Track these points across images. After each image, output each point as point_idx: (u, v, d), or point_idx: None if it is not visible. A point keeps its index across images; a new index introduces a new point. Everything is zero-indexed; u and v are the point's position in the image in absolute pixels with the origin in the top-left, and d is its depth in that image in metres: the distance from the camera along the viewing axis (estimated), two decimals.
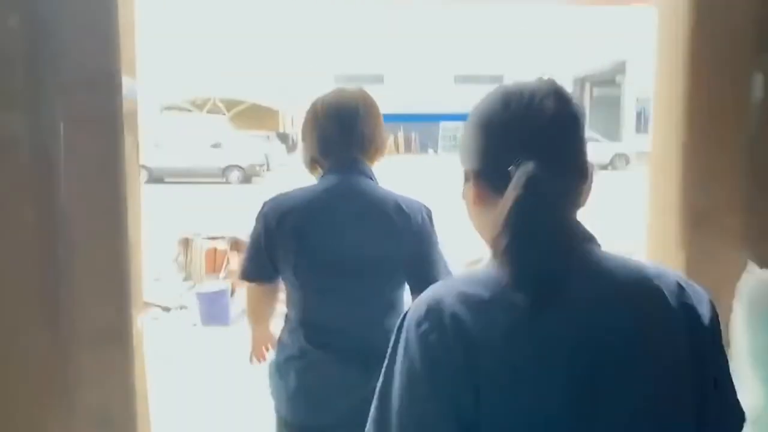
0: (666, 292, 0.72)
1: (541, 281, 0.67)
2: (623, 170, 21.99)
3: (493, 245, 0.71)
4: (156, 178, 18.12)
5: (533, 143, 0.72)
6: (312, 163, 1.54)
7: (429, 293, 0.74)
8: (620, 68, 27.20)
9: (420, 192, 1.65)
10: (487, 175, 0.76)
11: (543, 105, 0.73)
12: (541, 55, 38.78)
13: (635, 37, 25.90)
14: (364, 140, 1.49)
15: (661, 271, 0.75)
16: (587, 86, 32.96)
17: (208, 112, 28.79)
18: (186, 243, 5.65)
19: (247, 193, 14.95)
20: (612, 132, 27.37)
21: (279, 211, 1.45)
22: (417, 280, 1.44)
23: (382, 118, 1.54)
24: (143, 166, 17.05)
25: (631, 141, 25.87)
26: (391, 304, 1.48)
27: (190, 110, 29.98)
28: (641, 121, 25.84)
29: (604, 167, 22.21)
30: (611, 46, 28.20)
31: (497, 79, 47.40)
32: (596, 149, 22.69)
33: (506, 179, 0.70)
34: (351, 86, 1.57)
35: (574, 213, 0.77)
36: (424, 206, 1.50)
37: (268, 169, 20.76)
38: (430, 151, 37.66)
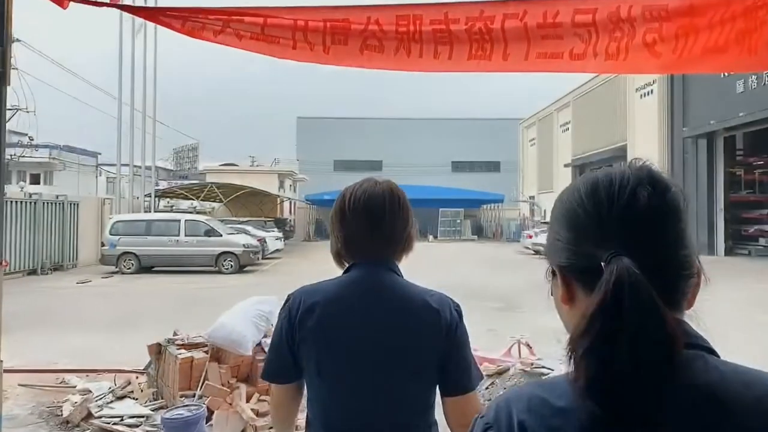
0: None
1: (624, 395, 0.60)
2: None
3: (572, 347, 0.63)
4: (145, 266, 17.36)
5: (625, 237, 0.66)
6: (338, 256, 1.50)
7: (503, 395, 0.73)
8: (621, 153, 27.20)
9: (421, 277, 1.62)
10: (575, 271, 0.70)
11: (636, 194, 0.67)
12: (540, 139, 39.52)
13: (634, 121, 26.22)
14: (392, 238, 1.45)
15: None
16: (587, 172, 32.98)
17: (204, 198, 28.48)
18: (158, 351, 4.77)
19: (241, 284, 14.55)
20: None
21: (305, 304, 1.39)
22: (447, 381, 1.37)
23: (411, 214, 1.51)
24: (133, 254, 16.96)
25: None
26: (422, 407, 1.40)
27: (186, 196, 29.70)
28: None
29: None
30: (611, 130, 28.40)
31: (494, 165, 47.90)
32: None
33: (597, 276, 0.64)
34: (378, 177, 1.54)
35: (677, 314, 0.69)
36: (453, 302, 1.43)
37: (263, 257, 19.93)
38: (430, 237, 37.55)
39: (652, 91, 24.49)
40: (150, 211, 23.27)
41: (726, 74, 19.05)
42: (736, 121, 18.17)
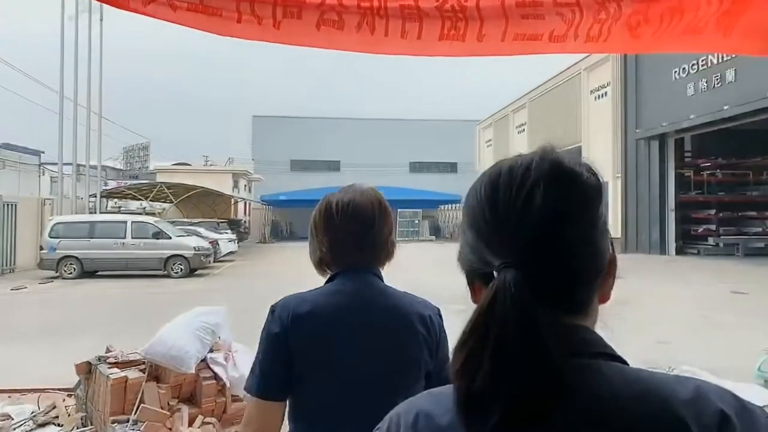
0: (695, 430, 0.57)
1: (489, 411, 0.58)
2: None
3: (452, 361, 0.62)
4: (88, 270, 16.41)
5: (518, 245, 0.63)
6: (321, 263, 1.45)
7: (400, 405, 0.72)
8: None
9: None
10: (476, 276, 0.68)
11: (532, 196, 0.63)
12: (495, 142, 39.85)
13: (588, 123, 26.64)
14: (378, 246, 1.43)
15: (701, 394, 0.61)
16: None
17: (154, 199, 27.34)
18: (88, 370, 4.23)
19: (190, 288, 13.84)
20: None
21: (295, 314, 1.32)
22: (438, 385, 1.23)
23: (393, 221, 1.48)
24: (75, 258, 15.97)
25: None
26: None
27: (134, 196, 28.47)
28: None
29: None
30: (566, 131, 28.78)
31: (452, 166, 48.12)
32: None
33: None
34: (362, 184, 1.53)
35: (578, 320, 0.67)
36: (435, 307, 1.42)
37: (216, 260, 19.18)
38: None
39: (606, 93, 24.92)
40: (96, 213, 22.14)
41: (678, 77, 19.50)
42: (687, 123, 18.59)
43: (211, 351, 4.48)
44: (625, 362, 0.67)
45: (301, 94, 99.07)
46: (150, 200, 27.32)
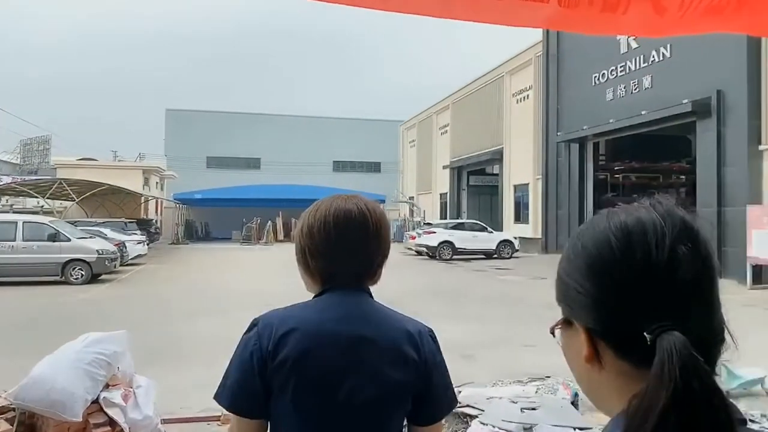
0: None
1: None
2: (508, 258, 21.92)
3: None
4: None
5: (668, 305, 0.60)
6: (310, 277, 1.36)
7: None
8: (497, 156, 27.97)
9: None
10: (608, 335, 0.64)
11: (676, 254, 0.61)
12: (420, 141, 39.88)
13: (510, 125, 27.06)
14: (372, 260, 1.34)
15: None
16: (464, 174, 33.73)
17: (53, 197, 24.87)
18: None
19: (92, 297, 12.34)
20: (486, 219, 27.49)
21: (278, 331, 1.24)
22: (421, 412, 1.31)
23: (389, 233, 1.41)
24: None
25: (512, 228, 26.10)
26: None
27: (30, 194, 25.80)
28: (520, 209, 26.33)
29: (489, 255, 22.13)
30: (488, 133, 29.09)
31: (375, 166, 47.78)
32: (487, 238, 22.50)
33: (634, 344, 0.60)
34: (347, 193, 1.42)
35: None
36: (427, 327, 1.36)
37: (122, 264, 17.55)
38: None
39: (528, 96, 25.38)
40: None
41: (597, 82, 20.05)
42: (607, 127, 19.13)
43: (106, 388, 3.61)
44: (746, 423, 0.63)
45: (219, 88, 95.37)
46: (47, 198, 24.83)
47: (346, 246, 1.29)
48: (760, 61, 13.61)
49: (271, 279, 15.68)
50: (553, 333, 0.74)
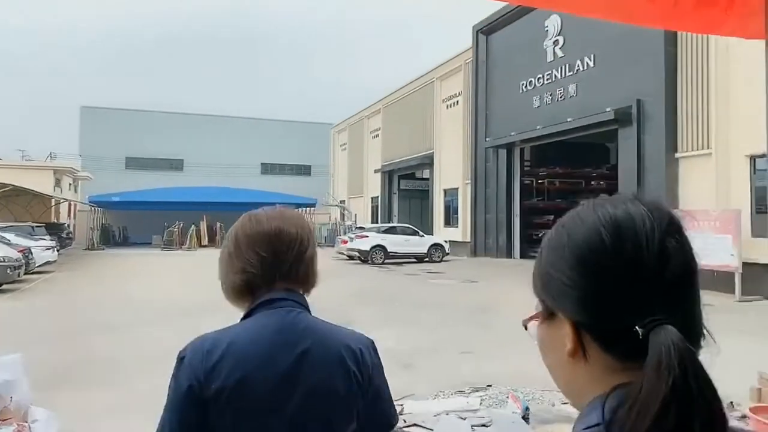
0: None
1: None
2: (438, 261, 22.02)
3: None
4: None
5: (660, 299, 0.61)
6: (239, 294, 1.28)
7: None
8: (428, 161, 28.14)
9: None
10: (595, 328, 0.63)
11: (665, 247, 0.62)
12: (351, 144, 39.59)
13: (441, 130, 27.31)
14: (310, 269, 1.32)
15: None
16: (395, 178, 33.76)
17: None
18: None
19: None
20: (417, 223, 27.58)
21: (211, 357, 1.17)
22: (368, 422, 1.28)
23: (314, 244, 1.38)
24: None
25: (443, 232, 26.31)
26: None
27: None
28: (450, 213, 26.59)
29: (421, 258, 22.14)
30: (419, 138, 29.25)
31: (305, 169, 46.94)
32: (419, 242, 22.48)
33: (622, 338, 0.60)
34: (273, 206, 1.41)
35: None
36: (368, 339, 1.35)
37: (28, 272, 16.08)
38: None
39: (457, 102, 25.70)
40: None
41: (525, 90, 20.53)
42: (534, 133, 19.62)
43: None
44: None
45: (138, 85, 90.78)
46: None
47: (274, 260, 1.26)
48: (677, 73, 14.31)
49: (193, 287, 14.85)
50: (525, 327, 0.73)
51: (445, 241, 22.98)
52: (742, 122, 12.82)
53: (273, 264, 1.27)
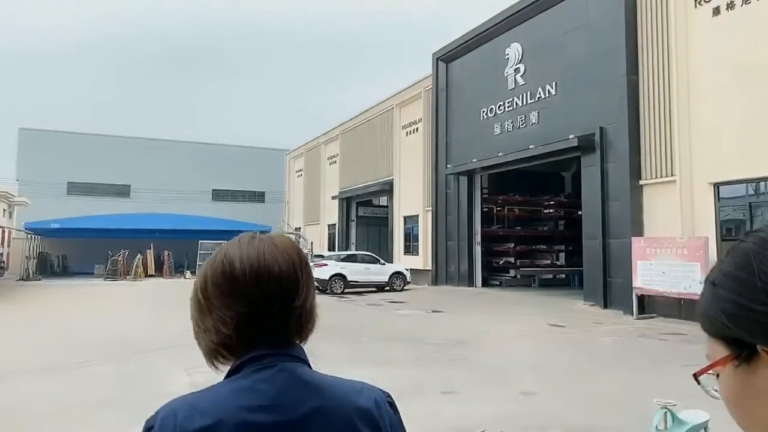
0: None
1: None
2: (400, 290, 21.40)
3: None
4: None
5: None
6: (220, 350, 1.03)
7: None
8: (387, 188, 27.69)
9: None
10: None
11: None
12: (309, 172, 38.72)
13: (400, 157, 26.96)
14: (305, 315, 1.07)
15: None
16: (353, 205, 33.16)
17: None
18: None
19: None
20: (375, 251, 26.98)
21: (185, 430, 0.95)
22: None
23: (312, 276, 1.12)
24: None
25: (402, 260, 25.76)
26: None
27: None
28: (410, 241, 26.10)
29: (382, 287, 21.48)
30: (378, 164, 28.85)
31: (259, 195, 45.87)
32: (380, 271, 21.81)
33: None
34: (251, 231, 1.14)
35: None
36: (384, 393, 1.11)
37: None
38: (187, 272, 33.43)
39: (417, 129, 25.48)
40: None
41: (485, 117, 20.45)
42: (496, 160, 19.46)
43: None
44: None
45: (83, 108, 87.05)
46: None
47: (256, 316, 1.01)
48: (639, 100, 14.41)
49: (139, 321, 13.68)
50: (697, 380, 0.65)
51: (407, 269, 22.41)
52: (704, 150, 12.92)
53: (254, 321, 1.01)
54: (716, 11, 12.69)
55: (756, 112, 11.84)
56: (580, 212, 24.12)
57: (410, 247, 25.92)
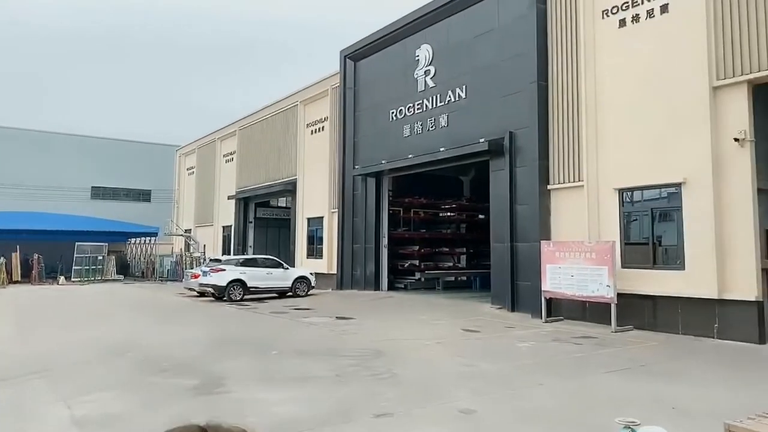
0: None
1: None
2: (303, 296, 20.44)
3: None
4: None
5: None
6: None
7: None
8: (290, 188, 26.52)
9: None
10: None
11: None
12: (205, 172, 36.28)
13: (305, 156, 25.91)
14: None
15: None
16: (252, 206, 31.55)
17: None
18: None
19: None
20: (275, 254, 25.81)
21: None
22: None
23: None
24: None
25: (305, 263, 24.78)
26: None
27: None
28: (314, 243, 25.15)
29: (284, 293, 20.40)
30: (281, 163, 27.62)
31: (145, 194, 42.61)
32: (283, 275, 20.66)
33: None
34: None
35: None
36: None
37: None
38: (61, 278, 29.96)
39: (323, 127, 24.61)
40: None
41: (394, 118, 20.06)
42: (405, 162, 19.11)
43: None
44: None
45: None
46: None
47: None
48: (548, 106, 14.64)
49: None
50: None
51: (311, 274, 21.46)
52: (610, 156, 13.32)
53: None
54: (622, 23, 13.14)
55: (658, 121, 12.35)
56: (481, 216, 24.86)
57: (314, 250, 24.97)
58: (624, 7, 13.12)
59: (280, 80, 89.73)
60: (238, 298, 19.31)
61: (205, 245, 33.57)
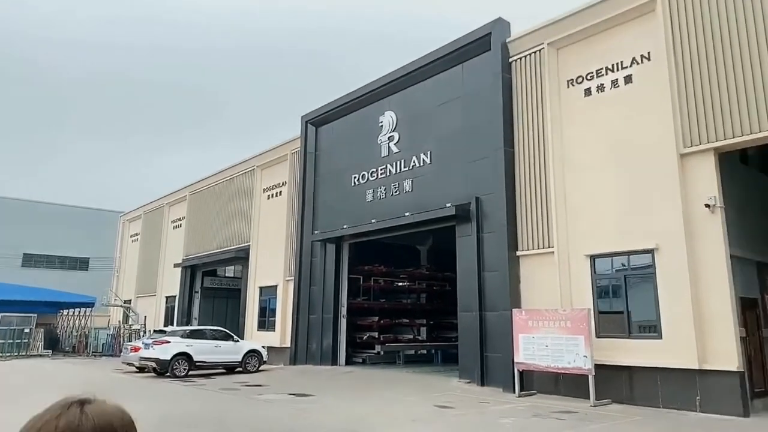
0: None
1: None
2: (254, 371, 18.94)
3: None
4: None
5: None
6: None
7: None
8: (243, 254, 25.28)
9: None
10: None
11: None
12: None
13: (260, 222, 24.93)
14: None
15: None
16: (198, 274, 29.91)
17: None
18: None
19: None
20: (221, 326, 24.24)
21: None
22: None
23: None
24: None
25: (256, 336, 23.28)
26: None
27: None
28: (266, 314, 23.73)
29: (233, 368, 18.85)
30: (233, 229, 26.49)
31: (82, 262, 39.99)
32: (233, 349, 19.19)
33: None
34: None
35: None
36: None
37: None
38: None
39: (281, 192, 23.89)
40: None
41: (357, 183, 19.62)
42: (367, 227, 18.51)
43: None
44: None
45: None
46: None
47: None
48: (515, 173, 14.54)
49: None
50: None
51: (263, 347, 20.00)
52: (580, 222, 13.16)
53: None
54: (588, 92, 13.39)
55: (626, 187, 12.35)
56: (441, 285, 24.29)
57: (266, 322, 23.49)
58: (589, 77, 13.42)
59: (239, 148, 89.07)
60: (182, 374, 17.61)
61: (146, 317, 31.32)
